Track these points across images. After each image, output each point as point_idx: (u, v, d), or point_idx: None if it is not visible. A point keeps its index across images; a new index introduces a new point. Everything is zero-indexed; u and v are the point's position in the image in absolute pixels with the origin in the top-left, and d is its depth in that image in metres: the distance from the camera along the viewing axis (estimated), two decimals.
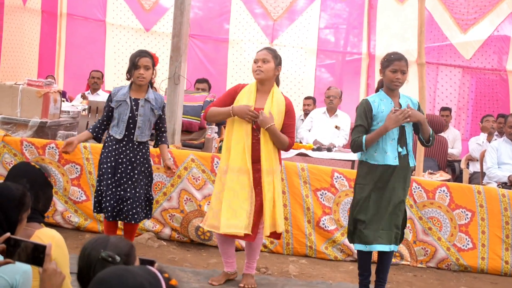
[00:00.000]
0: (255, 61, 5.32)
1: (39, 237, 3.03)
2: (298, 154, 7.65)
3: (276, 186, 5.29)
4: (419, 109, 5.18)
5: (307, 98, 10.61)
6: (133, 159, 5.50)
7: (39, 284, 2.65)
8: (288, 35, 11.78)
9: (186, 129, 7.58)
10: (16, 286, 2.89)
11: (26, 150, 6.69)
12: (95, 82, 10.57)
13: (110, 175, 5.46)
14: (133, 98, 5.50)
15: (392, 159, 5.05)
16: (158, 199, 6.61)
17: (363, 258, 5.21)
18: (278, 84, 5.44)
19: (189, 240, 6.67)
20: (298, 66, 11.76)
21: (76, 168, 6.71)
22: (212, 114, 5.44)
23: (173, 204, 6.63)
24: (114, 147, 5.50)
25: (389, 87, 5.10)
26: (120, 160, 5.48)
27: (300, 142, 8.64)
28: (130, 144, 5.50)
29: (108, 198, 5.44)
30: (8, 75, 11.50)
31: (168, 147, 5.79)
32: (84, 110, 8.34)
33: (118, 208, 5.46)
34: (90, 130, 5.61)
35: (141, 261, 2.40)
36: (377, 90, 5.27)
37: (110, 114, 5.56)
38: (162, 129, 5.67)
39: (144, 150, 5.57)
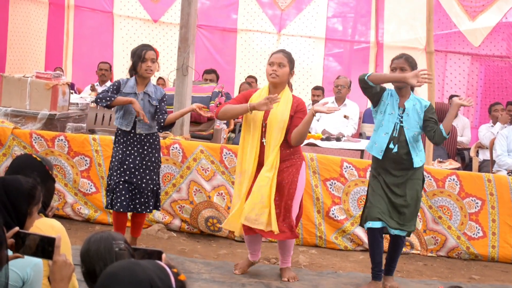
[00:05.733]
0: (271, 64, 5.22)
1: (38, 227, 3.04)
2: (307, 144, 7.63)
3: (274, 184, 5.16)
4: (430, 109, 5.07)
5: (316, 88, 10.55)
6: (140, 150, 5.60)
7: (50, 276, 2.66)
8: (296, 25, 11.72)
9: (195, 120, 7.57)
10: (28, 279, 2.90)
11: (35, 142, 6.71)
12: (103, 74, 10.58)
13: (119, 166, 5.56)
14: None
15: (377, 151, 5.07)
16: (168, 191, 6.62)
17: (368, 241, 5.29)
18: (290, 87, 5.43)
19: (199, 231, 6.68)
20: (306, 55, 11.70)
21: (86, 160, 6.72)
22: (226, 110, 5.27)
23: (183, 195, 6.63)
24: (122, 139, 5.61)
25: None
26: (128, 152, 5.58)
27: (309, 132, 8.61)
28: (138, 136, 5.60)
29: (124, 192, 5.52)
30: (15, 67, 11.52)
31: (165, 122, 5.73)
32: (92, 102, 8.35)
33: (131, 200, 5.55)
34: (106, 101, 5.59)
35: (148, 252, 2.40)
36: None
37: (115, 93, 5.60)
38: (159, 115, 5.63)
39: (151, 140, 5.66)
